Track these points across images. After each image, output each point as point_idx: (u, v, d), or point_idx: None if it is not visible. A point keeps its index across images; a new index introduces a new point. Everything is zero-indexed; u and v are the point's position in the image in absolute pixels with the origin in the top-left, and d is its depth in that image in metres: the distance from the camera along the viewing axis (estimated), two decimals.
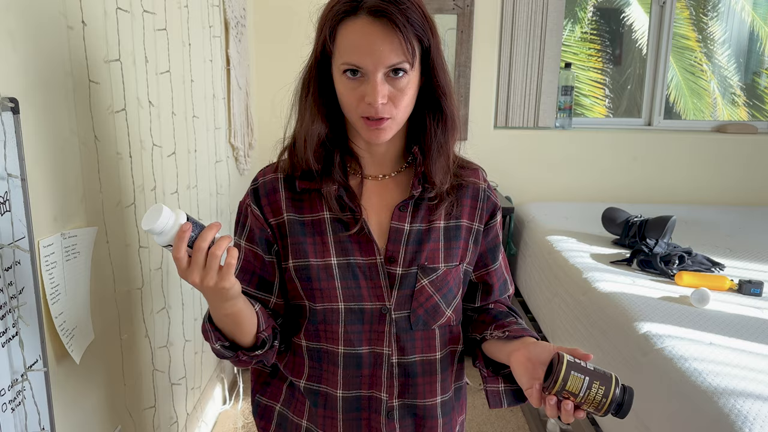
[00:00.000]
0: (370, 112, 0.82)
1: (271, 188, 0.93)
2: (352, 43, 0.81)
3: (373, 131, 0.84)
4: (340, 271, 0.90)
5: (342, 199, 0.90)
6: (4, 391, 0.82)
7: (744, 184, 3.17)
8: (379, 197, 0.94)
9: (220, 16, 2.09)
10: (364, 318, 0.92)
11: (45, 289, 0.93)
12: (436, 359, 0.96)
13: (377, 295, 0.91)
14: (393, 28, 0.79)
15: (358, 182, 0.94)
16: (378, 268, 0.91)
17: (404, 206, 0.92)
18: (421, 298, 0.92)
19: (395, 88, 0.82)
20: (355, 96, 0.83)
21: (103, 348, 1.17)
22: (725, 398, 1.16)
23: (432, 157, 0.91)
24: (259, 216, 0.93)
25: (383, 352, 0.93)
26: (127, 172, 1.26)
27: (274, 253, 0.94)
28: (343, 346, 0.93)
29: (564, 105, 3.13)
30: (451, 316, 0.96)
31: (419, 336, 0.94)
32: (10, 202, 0.82)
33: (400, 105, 0.84)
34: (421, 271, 0.92)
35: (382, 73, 0.81)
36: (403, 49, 0.80)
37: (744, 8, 4.24)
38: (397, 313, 0.92)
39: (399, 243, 0.91)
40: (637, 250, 2.03)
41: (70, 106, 1.02)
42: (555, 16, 2.98)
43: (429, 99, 0.89)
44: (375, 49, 0.79)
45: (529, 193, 3.15)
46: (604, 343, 1.65)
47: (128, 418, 1.30)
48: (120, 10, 1.21)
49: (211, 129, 1.98)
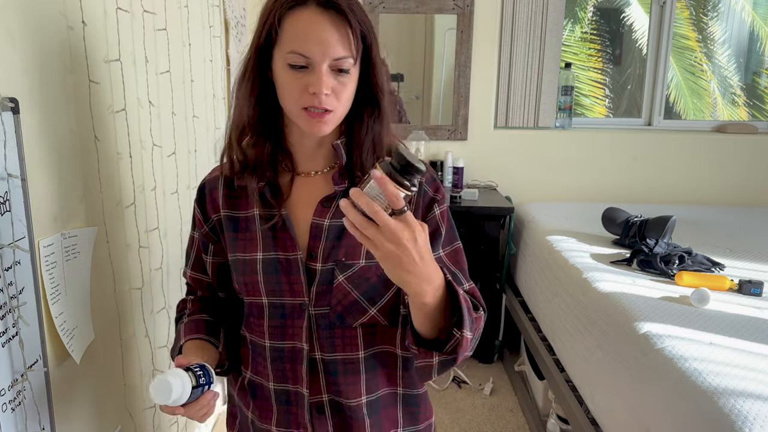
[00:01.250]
0: (313, 102, 0.82)
1: (212, 186, 0.98)
2: (300, 32, 0.81)
3: (315, 123, 0.84)
4: (263, 266, 0.92)
5: (265, 195, 0.91)
6: (4, 391, 0.82)
7: (744, 184, 3.17)
8: (308, 193, 0.93)
9: (220, 16, 2.09)
10: (285, 313, 0.93)
11: (45, 289, 0.92)
12: (359, 358, 0.94)
13: (296, 290, 0.91)
14: (342, 20, 0.80)
15: (288, 179, 0.94)
16: (297, 264, 0.90)
17: (327, 201, 0.92)
18: (339, 294, 0.91)
19: (338, 81, 0.83)
20: (298, 86, 0.82)
21: (103, 348, 1.17)
22: (725, 398, 1.16)
23: (365, 151, 0.90)
24: (200, 218, 0.99)
25: (302, 347, 0.92)
26: (127, 172, 1.26)
27: (210, 254, 1.01)
28: (269, 340, 0.95)
29: (564, 105, 3.13)
30: (375, 315, 0.93)
31: (339, 334, 0.93)
32: (10, 202, 0.82)
33: (341, 98, 0.84)
34: (338, 266, 0.90)
35: (326, 64, 0.81)
36: (350, 42, 0.81)
37: (744, 8, 4.24)
38: (316, 310, 0.91)
39: (319, 239, 0.91)
40: (637, 250, 2.03)
41: (70, 106, 1.02)
42: (555, 16, 2.98)
43: (367, 96, 0.89)
44: (322, 39, 0.80)
45: (529, 193, 3.15)
46: (604, 343, 1.65)
47: (128, 418, 1.30)
48: (120, 10, 1.21)
49: (211, 129, 1.98)
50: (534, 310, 2.46)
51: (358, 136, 0.91)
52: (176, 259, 1.62)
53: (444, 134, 3.14)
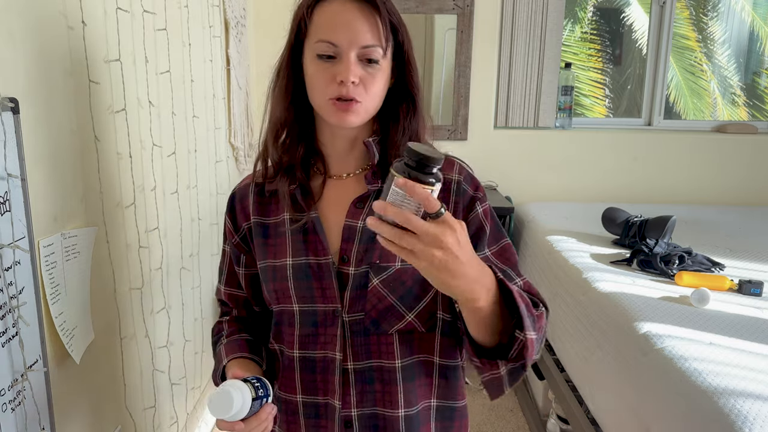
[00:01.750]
0: (341, 92, 0.80)
1: (243, 194, 0.96)
2: (327, 21, 0.80)
3: (342, 114, 0.82)
4: (294, 271, 0.88)
5: (296, 198, 0.89)
6: (4, 391, 0.82)
7: (744, 184, 3.17)
8: (340, 196, 0.90)
9: (220, 16, 2.09)
10: (317, 320, 0.89)
11: (45, 289, 0.92)
12: (395, 367, 0.88)
13: (328, 296, 0.87)
14: (370, 10, 0.80)
15: (320, 182, 0.92)
16: (329, 268, 0.87)
17: (360, 202, 0.88)
18: (373, 299, 0.86)
19: (367, 73, 0.81)
20: (326, 76, 0.81)
21: (103, 348, 1.17)
22: (725, 398, 1.16)
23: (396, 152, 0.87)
24: (230, 227, 0.97)
25: (335, 357, 0.88)
26: (127, 172, 1.26)
27: (242, 266, 0.98)
28: (299, 350, 0.91)
29: (564, 105, 3.13)
30: (413, 321, 0.87)
31: (374, 341, 0.88)
32: (10, 202, 0.82)
33: (370, 90, 0.82)
34: (372, 269, 0.85)
35: (355, 53, 0.80)
36: (379, 31, 0.80)
37: (744, 8, 4.24)
38: (351, 316, 0.87)
39: (352, 241, 0.87)
40: (637, 250, 2.03)
41: (70, 106, 1.02)
42: (555, 16, 2.98)
43: (402, 94, 0.88)
44: (351, 26, 0.79)
45: (529, 193, 3.15)
46: (605, 343, 1.65)
47: (128, 418, 1.30)
48: (120, 10, 1.21)
49: (211, 129, 1.98)
50: None
51: (394, 136, 0.88)
52: (176, 259, 1.62)
53: (444, 134, 3.14)
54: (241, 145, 2.39)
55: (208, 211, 1.95)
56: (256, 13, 2.77)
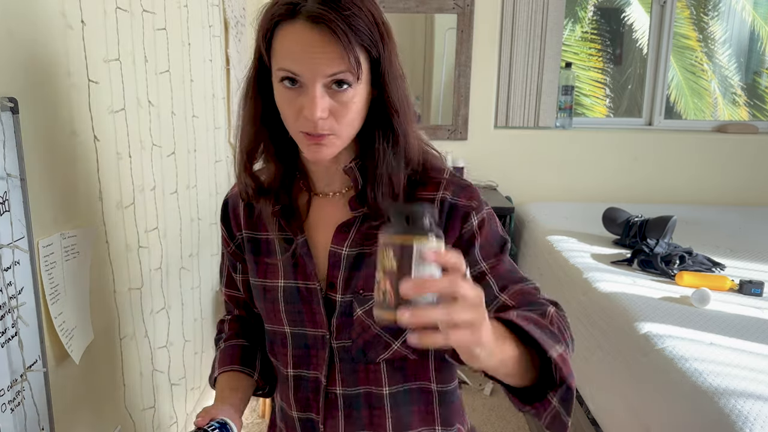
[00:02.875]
0: (308, 128, 0.74)
1: (234, 203, 0.94)
2: (287, 49, 0.72)
3: (313, 147, 0.75)
4: (284, 294, 0.87)
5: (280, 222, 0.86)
6: (3, 391, 0.82)
7: (745, 184, 3.17)
8: (327, 216, 0.86)
9: (219, 15, 2.09)
10: (308, 343, 0.88)
11: (44, 289, 0.92)
12: (384, 394, 0.87)
13: (317, 321, 0.86)
14: (332, 37, 0.70)
15: (306, 200, 0.87)
16: (316, 294, 0.85)
17: (346, 227, 0.84)
18: (359, 328, 0.84)
19: (337, 101, 0.73)
20: (293, 109, 0.74)
21: (103, 348, 1.17)
22: (726, 398, 1.16)
23: (376, 183, 0.80)
24: (225, 236, 0.96)
25: (320, 379, 0.88)
26: (127, 172, 1.26)
27: (239, 273, 0.98)
28: (293, 369, 0.91)
29: (564, 105, 3.13)
30: (399, 349, 0.84)
31: (362, 368, 0.86)
32: (9, 202, 0.82)
33: (343, 121, 0.74)
34: (356, 299, 0.83)
35: (321, 84, 0.72)
36: (345, 59, 0.71)
37: (744, 8, 4.23)
38: (338, 342, 0.85)
39: (338, 268, 0.84)
40: (637, 250, 2.03)
41: (69, 105, 1.01)
42: (555, 16, 2.98)
43: (380, 115, 0.79)
44: (312, 57, 0.71)
45: (529, 193, 3.15)
46: (605, 343, 1.65)
47: (128, 418, 1.30)
48: (119, 10, 1.21)
49: (210, 129, 1.98)
50: None
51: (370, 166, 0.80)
52: (176, 260, 1.62)
53: (444, 134, 3.14)
54: None
55: (207, 211, 1.95)
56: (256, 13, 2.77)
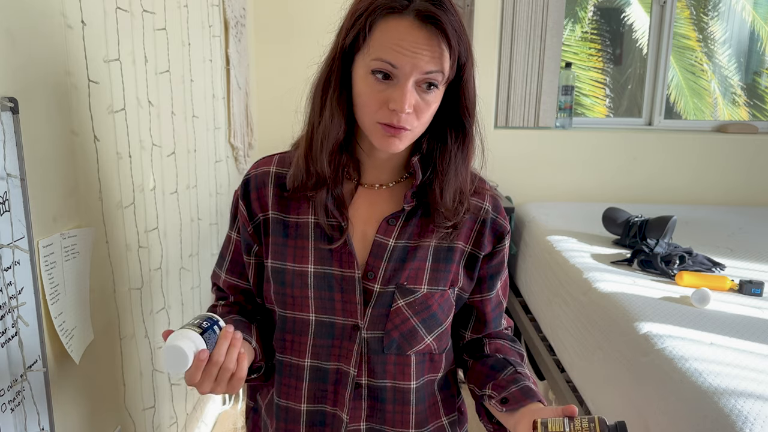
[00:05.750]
0: (391, 120, 0.76)
1: (260, 182, 0.89)
2: (392, 41, 0.73)
3: (388, 139, 0.78)
4: (316, 280, 0.85)
5: (327, 205, 0.85)
6: (3, 391, 0.82)
7: (745, 184, 3.16)
8: (370, 207, 0.87)
9: (219, 15, 2.09)
10: (334, 332, 0.86)
11: (44, 289, 0.92)
12: (410, 388, 0.89)
13: (350, 310, 0.85)
14: (439, 37, 0.74)
15: (351, 189, 0.88)
16: (354, 283, 0.84)
17: (393, 219, 0.86)
18: (396, 319, 0.85)
19: (422, 100, 0.77)
20: (377, 99, 0.76)
21: (103, 348, 1.17)
22: (726, 398, 1.16)
23: (447, 181, 0.84)
24: (244, 214, 0.90)
25: (349, 371, 0.87)
26: (127, 172, 1.26)
27: (253, 255, 0.92)
28: (310, 359, 0.88)
29: (564, 105, 3.13)
30: (431, 344, 0.88)
31: (392, 360, 0.87)
32: (9, 202, 0.82)
33: (422, 118, 0.78)
34: (399, 290, 0.85)
35: (413, 80, 0.75)
36: (443, 60, 0.75)
37: (744, 8, 4.23)
38: (369, 333, 0.86)
39: (381, 258, 0.85)
40: (637, 250, 2.03)
41: (69, 106, 1.02)
42: (555, 16, 2.98)
43: (453, 117, 0.83)
44: (415, 53, 0.73)
45: (529, 193, 3.15)
46: (605, 344, 1.65)
47: (128, 419, 1.30)
48: (120, 10, 1.21)
49: (210, 129, 1.98)
50: (534, 311, 2.45)
51: (441, 161, 0.84)
52: (176, 260, 1.62)
53: None
54: (241, 145, 2.39)
55: (207, 211, 1.95)
56: (256, 13, 2.77)
